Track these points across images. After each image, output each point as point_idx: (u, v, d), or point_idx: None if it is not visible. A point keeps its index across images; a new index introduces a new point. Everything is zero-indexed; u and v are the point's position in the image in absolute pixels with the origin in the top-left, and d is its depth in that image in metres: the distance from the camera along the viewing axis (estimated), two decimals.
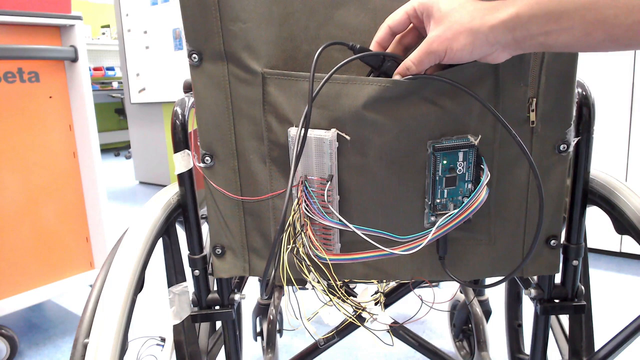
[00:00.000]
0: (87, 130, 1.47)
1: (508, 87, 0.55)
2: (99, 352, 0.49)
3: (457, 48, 0.45)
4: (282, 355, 1.34)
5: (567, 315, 0.74)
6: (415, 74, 0.51)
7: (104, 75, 5.51)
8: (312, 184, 0.57)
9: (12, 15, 1.30)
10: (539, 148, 0.57)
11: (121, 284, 0.55)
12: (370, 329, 0.67)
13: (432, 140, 0.55)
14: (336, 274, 0.60)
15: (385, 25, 0.52)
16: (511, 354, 0.95)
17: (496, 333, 1.21)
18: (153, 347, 0.75)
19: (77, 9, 1.85)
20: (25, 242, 1.42)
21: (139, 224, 0.61)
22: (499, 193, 0.59)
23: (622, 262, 1.91)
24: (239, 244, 0.64)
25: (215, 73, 0.57)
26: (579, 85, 0.60)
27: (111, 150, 5.68)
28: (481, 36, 0.44)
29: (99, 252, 1.57)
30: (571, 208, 0.64)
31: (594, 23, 0.39)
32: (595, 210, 0.67)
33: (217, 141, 0.60)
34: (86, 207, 1.55)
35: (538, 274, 0.65)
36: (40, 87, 1.41)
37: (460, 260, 0.62)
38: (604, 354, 0.67)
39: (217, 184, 0.61)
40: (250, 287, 1.16)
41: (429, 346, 1.03)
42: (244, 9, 0.54)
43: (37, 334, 1.52)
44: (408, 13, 0.50)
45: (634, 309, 1.54)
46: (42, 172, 1.44)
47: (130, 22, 3.49)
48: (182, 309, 0.68)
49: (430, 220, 0.59)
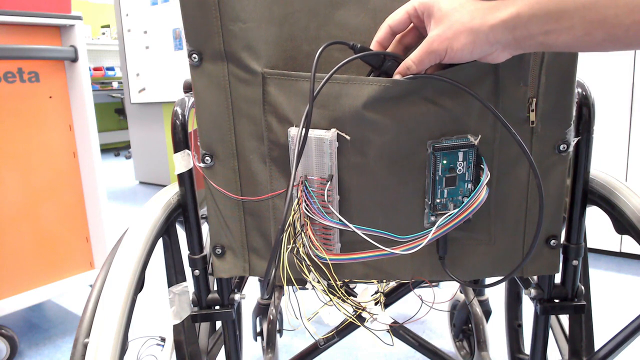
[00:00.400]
0: (87, 130, 1.47)
1: (508, 87, 0.55)
2: (99, 352, 0.49)
3: (458, 47, 0.46)
4: (282, 355, 1.34)
5: (567, 315, 0.74)
6: (416, 74, 0.51)
7: (104, 75, 5.51)
8: (312, 184, 0.57)
9: (12, 15, 1.30)
10: (539, 148, 0.57)
11: (121, 284, 0.55)
12: (370, 329, 0.67)
13: (432, 140, 0.55)
14: (336, 273, 0.60)
15: (386, 24, 0.52)
16: (511, 354, 0.95)
17: (496, 333, 1.20)
18: (153, 347, 0.75)
19: (77, 9, 1.85)
20: (25, 242, 1.42)
21: (139, 224, 0.61)
22: (499, 193, 0.59)
23: (622, 262, 1.91)
24: (239, 244, 0.64)
25: (215, 73, 0.57)
26: (579, 85, 0.60)
27: (111, 150, 5.68)
28: (482, 36, 0.44)
29: (99, 252, 1.57)
30: (571, 208, 0.64)
31: (594, 23, 0.39)
32: (595, 210, 0.67)
33: (217, 141, 0.60)
34: (86, 207, 1.55)
35: (538, 273, 0.65)
36: (40, 87, 1.41)
37: (460, 260, 0.62)
38: (604, 354, 0.67)
39: (217, 184, 0.61)
40: (250, 287, 1.16)
41: (429, 346, 1.03)
42: (244, 9, 0.54)
43: (37, 334, 1.52)
44: (409, 12, 0.50)
45: (634, 309, 1.54)
46: (42, 172, 1.44)
47: (130, 22, 3.49)
48: (182, 309, 0.68)
49: (430, 220, 0.59)
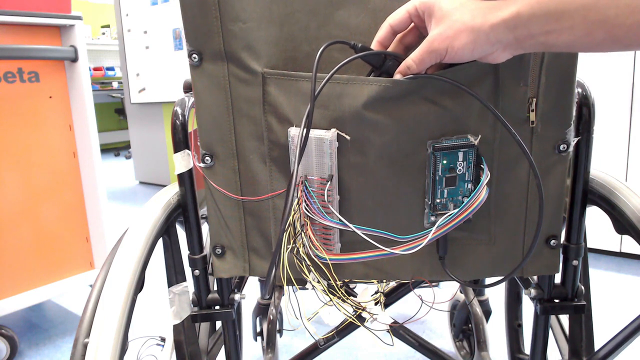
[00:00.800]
0: (87, 130, 1.47)
1: (508, 87, 0.55)
2: (99, 352, 0.49)
3: (459, 47, 0.46)
4: (282, 355, 1.34)
5: (567, 315, 0.74)
6: (416, 74, 0.51)
7: (104, 75, 5.51)
8: (312, 184, 0.57)
9: (12, 15, 1.30)
10: (539, 148, 0.57)
11: (121, 284, 0.54)
12: (370, 329, 0.67)
13: (432, 140, 0.55)
14: (336, 273, 0.60)
15: (387, 24, 0.52)
16: (511, 354, 0.95)
17: (496, 333, 1.20)
18: (153, 347, 0.75)
19: (77, 9, 1.85)
20: (25, 242, 1.42)
21: (139, 224, 0.61)
22: (498, 193, 0.59)
23: (622, 262, 1.91)
24: (239, 244, 0.64)
25: (215, 73, 0.57)
26: (579, 85, 0.60)
27: (111, 150, 5.67)
28: (482, 35, 0.44)
29: (99, 252, 1.57)
30: (571, 208, 0.64)
31: (595, 23, 0.39)
32: (595, 210, 0.67)
33: (217, 141, 0.60)
34: (86, 207, 1.55)
35: (538, 273, 0.65)
36: (40, 87, 1.41)
37: (460, 260, 0.62)
38: (604, 354, 0.67)
39: (217, 184, 0.61)
40: (250, 287, 1.16)
41: (429, 346, 1.03)
42: (244, 9, 0.54)
43: (37, 334, 1.52)
44: (409, 12, 0.50)
45: (634, 309, 1.54)
46: (42, 172, 1.44)
47: (130, 22, 3.49)
48: (182, 309, 0.68)
49: (430, 220, 0.59)
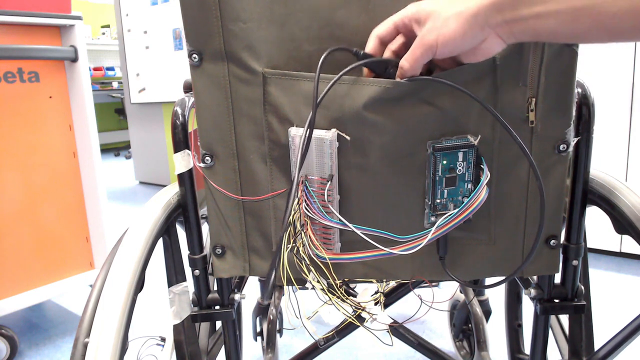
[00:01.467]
0: (87, 130, 1.47)
1: (507, 87, 0.55)
2: (99, 352, 0.49)
3: (448, 33, 0.45)
4: (282, 355, 1.34)
5: (567, 315, 0.74)
6: (412, 75, 0.51)
7: (104, 75, 5.51)
8: (313, 184, 0.57)
9: (12, 15, 1.30)
10: (539, 148, 0.57)
11: (121, 284, 0.55)
12: (370, 329, 0.67)
13: (432, 141, 0.55)
14: (336, 273, 0.60)
15: (374, 35, 0.53)
16: (511, 354, 0.95)
17: (496, 333, 1.20)
18: (153, 347, 0.75)
19: (77, 9, 1.85)
20: (25, 242, 1.42)
21: (139, 224, 0.61)
22: (498, 193, 0.59)
23: (622, 262, 1.91)
24: (239, 243, 0.64)
25: (215, 73, 0.57)
26: (578, 85, 0.60)
27: (111, 150, 5.67)
28: (470, 18, 0.44)
29: (99, 252, 1.57)
30: (571, 208, 0.64)
31: (581, 9, 0.39)
32: (595, 210, 0.67)
33: (217, 141, 0.60)
34: (86, 207, 1.55)
35: (538, 274, 0.65)
36: (40, 87, 1.41)
37: (460, 260, 0.62)
38: (604, 354, 0.67)
39: (217, 184, 0.61)
40: (250, 287, 1.16)
41: (429, 346, 1.03)
42: (244, 8, 0.54)
43: (37, 334, 1.52)
44: (396, 23, 0.51)
45: (634, 309, 1.54)
46: (42, 172, 1.44)
47: (130, 22, 3.49)
48: (182, 309, 0.68)
49: (430, 220, 0.59)
